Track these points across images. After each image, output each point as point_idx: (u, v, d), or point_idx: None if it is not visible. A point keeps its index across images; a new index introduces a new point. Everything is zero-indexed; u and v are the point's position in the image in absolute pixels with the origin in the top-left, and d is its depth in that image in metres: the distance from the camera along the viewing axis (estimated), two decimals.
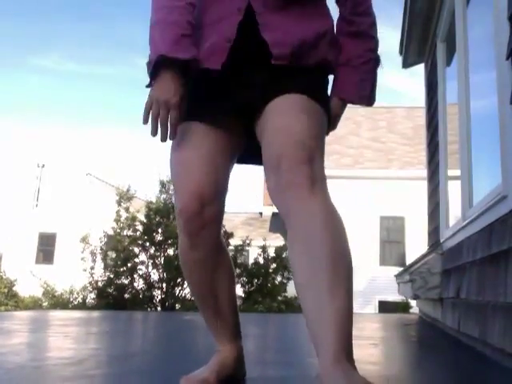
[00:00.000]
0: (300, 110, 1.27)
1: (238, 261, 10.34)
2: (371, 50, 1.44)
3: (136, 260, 10.13)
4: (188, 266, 1.44)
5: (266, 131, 1.27)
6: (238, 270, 10.17)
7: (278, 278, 10.35)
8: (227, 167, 1.39)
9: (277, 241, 17.08)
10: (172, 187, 9.32)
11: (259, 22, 1.30)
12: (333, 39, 1.41)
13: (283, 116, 1.26)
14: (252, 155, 1.44)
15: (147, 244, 10.18)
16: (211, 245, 1.40)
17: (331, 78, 1.45)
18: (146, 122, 1.25)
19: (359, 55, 1.42)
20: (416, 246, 13.79)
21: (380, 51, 1.47)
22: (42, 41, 40.47)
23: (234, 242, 10.56)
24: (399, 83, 44.76)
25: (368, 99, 1.46)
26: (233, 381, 1.48)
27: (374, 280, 16.17)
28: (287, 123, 1.24)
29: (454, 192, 3.71)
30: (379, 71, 1.47)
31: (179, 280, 9.96)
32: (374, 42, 1.45)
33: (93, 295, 10.23)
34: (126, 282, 9.99)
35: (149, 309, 9.80)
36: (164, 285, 10.05)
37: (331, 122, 1.43)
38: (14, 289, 13.77)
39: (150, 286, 9.99)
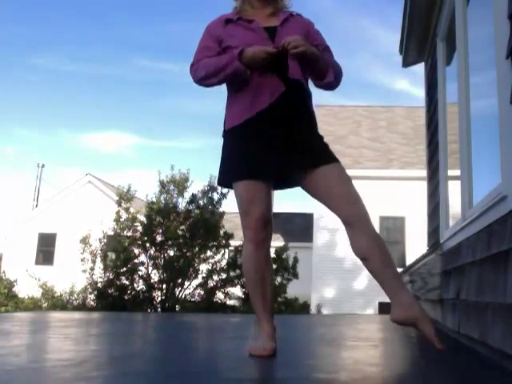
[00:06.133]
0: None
1: (239, 261, 10.32)
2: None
3: (136, 261, 10.11)
4: (249, 264, 2.18)
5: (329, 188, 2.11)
6: (237, 271, 10.15)
7: (278, 279, 10.31)
8: (271, 202, 2.23)
9: (277, 241, 17.08)
10: (171, 187, 10.67)
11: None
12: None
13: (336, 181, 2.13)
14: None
15: (147, 245, 10.16)
16: (267, 250, 2.19)
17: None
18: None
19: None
20: (416, 246, 13.78)
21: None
22: (42, 41, 40.52)
23: (235, 242, 10.53)
24: (399, 83, 44.76)
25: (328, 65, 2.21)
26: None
27: (373, 281, 16.08)
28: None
29: (454, 192, 3.70)
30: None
31: (179, 281, 9.94)
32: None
33: (93, 296, 10.22)
34: (127, 282, 9.97)
35: (149, 310, 9.79)
36: (164, 286, 10.04)
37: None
38: (13, 289, 13.75)
39: (150, 287, 9.98)
